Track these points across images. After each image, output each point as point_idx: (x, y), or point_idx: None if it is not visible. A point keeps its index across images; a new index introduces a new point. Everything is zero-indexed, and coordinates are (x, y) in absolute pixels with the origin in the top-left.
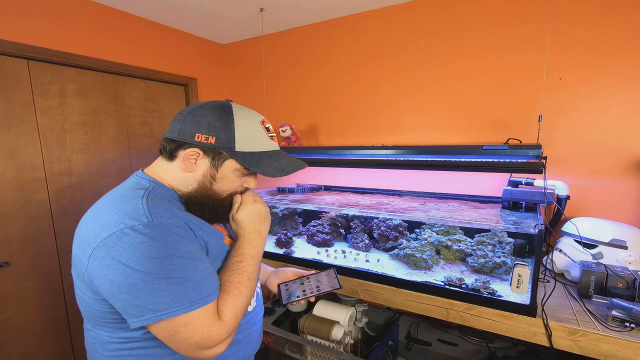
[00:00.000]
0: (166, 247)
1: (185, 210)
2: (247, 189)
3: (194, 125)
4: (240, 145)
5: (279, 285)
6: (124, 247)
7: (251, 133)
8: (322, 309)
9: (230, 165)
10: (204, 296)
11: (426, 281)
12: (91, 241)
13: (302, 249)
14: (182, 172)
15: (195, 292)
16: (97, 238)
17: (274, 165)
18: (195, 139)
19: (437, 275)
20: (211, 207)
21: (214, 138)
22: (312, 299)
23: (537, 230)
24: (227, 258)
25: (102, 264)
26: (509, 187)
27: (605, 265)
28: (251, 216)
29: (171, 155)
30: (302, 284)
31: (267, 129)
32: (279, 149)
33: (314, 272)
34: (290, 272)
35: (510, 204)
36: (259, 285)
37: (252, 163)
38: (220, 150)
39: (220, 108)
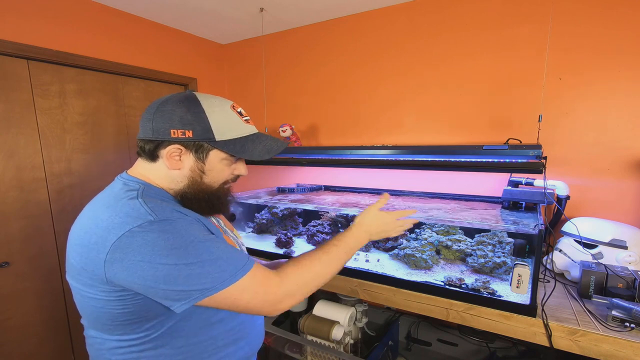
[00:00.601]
0: (182, 236)
1: (183, 207)
2: (238, 176)
3: (165, 122)
4: (219, 134)
5: None
6: (140, 245)
7: (226, 120)
8: (322, 309)
9: (216, 156)
10: (241, 266)
11: (426, 281)
12: (99, 247)
13: (302, 249)
14: (169, 171)
15: (232, 266)
16: (107, 242)
17: (259, 148)
18: (172, 135)
19: (437, 275)
20: (207, 200)
21: (191, 131)
22: None
23: (537, 230)
24: (327, 242)
25: (124, 265)
26: (509, 187)
27: (605, 265)
28: (376, 220)
29: (152, 156)
30: None
31: (240, 113)
32: (257, 131)
33: None
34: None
35: (510, 204)
36: None
37: (237, 150)
38: (201, 142)
39: (186, 100)
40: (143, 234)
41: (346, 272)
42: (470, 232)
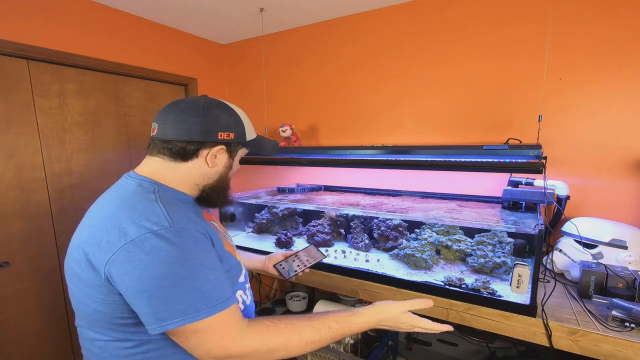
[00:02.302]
0: (184, 252)
1: (196, 205)
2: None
3: (215, 125)
4: (248, 136)
5: (274, 266)
6: (144, 252)
7: (248, 124)
8: (322, 309)
9: (240, 153)
10: (211, 306)
11: (426, 281)
12: (110, 247)
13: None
14: (205, 169)
15: (203, 301)
16: (117, 243)
17: (269, 146)
18: (219, 137)
19: (437, 275)
20: (225, 192)
21: (233, 134)
22: (307, 271)
23: (537, 230)
24: (328, 315)
25: (120, 269)
26: (509, 187)
27: (605, 265)
28: (395, 319)
29: (190, 155)
30: (294, 261)
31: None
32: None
33: (296, 250)
34: (279, 254)
35: (510, 204)
36: (248, 286)
37: (257, 148)
38: (237, 142)
39: (224, 105)
40: (154, 241)
41: (346, 272)
42: (470, 232)
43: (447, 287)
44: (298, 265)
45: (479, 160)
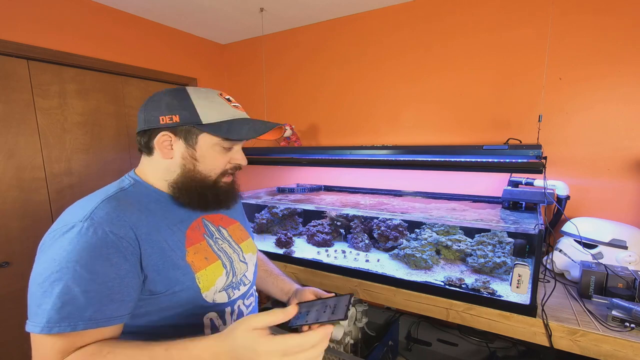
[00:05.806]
0: (71, 252)
1: (174, 203)
2: (237, 167)
3: (154, 110)
4: (206, 118)
5: (298, 304)
6: (45, 244)
7: (212, 104)
8: None
9: (206, 141)
10: (50, 322)
11: (426, 281)
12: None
13: (302, 248)
14: (165, 162)
15: (51, 313)
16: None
17: (246, 129)
18: (161, 122)
19: (437, 275)
20: (200, 192)
21: (177, 116)
22: (315, 326)
23: (537, 230)
24: (168, 342)
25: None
26: (509, 187)
27: (605, 265)
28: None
29: (148, 148)
30: (314, 306)
31: (228, 100)
32: (247, 116)
33: (333, 295)
34: (311, 292)
35: (510, 204)
36: (230, 310)
37: (224, 131)
38: (189, 127)
39: (174, 89)
40: (60, 237)
41: (346, 272)
42: (470, 232)
43: (447, 287)
44: (315, 313)
45: (479, 160)
